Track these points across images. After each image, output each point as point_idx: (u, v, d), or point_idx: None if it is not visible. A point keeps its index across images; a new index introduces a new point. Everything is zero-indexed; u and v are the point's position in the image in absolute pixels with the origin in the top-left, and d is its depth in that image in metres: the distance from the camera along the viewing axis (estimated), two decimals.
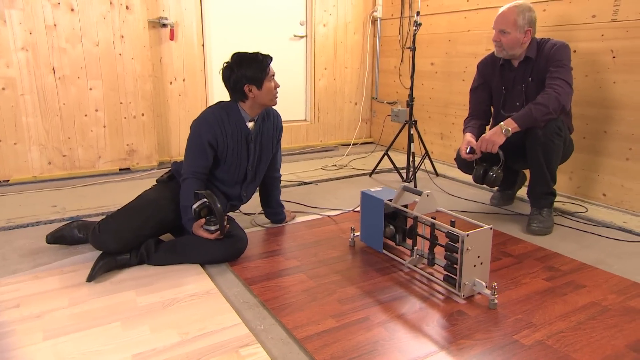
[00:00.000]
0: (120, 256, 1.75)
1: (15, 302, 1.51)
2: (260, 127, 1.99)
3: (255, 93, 1.87)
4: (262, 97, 1.89)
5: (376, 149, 4.00)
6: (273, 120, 2.06)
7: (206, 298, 1.56)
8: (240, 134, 1.93)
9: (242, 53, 1.89)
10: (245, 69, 1.84)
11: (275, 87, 1.91)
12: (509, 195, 2.61)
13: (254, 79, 1.85)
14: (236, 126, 1.91)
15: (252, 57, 1.87)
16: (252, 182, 2.06)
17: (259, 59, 1.86)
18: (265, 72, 1.86)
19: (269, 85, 1.88)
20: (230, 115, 1.91)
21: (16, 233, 2.11)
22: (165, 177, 1.99)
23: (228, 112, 1.91)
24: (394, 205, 1.83)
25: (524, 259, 1.87)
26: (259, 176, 2.08)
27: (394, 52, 4.00)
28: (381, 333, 1.36)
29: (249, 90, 1.87)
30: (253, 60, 1.86)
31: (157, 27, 3.20)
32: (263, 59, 1.87)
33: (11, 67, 2.74)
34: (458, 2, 3.32)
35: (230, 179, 1.97)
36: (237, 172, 1.97)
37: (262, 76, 1.85)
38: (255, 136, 1.97)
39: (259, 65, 1.85)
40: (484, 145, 2.09)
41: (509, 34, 2.14)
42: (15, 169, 2.87)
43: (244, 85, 1.85)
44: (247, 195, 2.08)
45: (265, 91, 1.88)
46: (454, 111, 3.48)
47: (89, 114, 3.01)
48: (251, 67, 1.84)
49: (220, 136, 1.88)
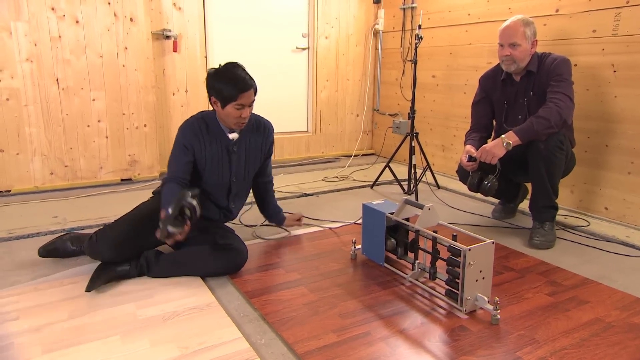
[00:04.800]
0: (120, 267, 1.75)
1: (14, 314, 1.50)
2: (246, 138, 1.95)
3: (218, 109, 1.81)
4: (222, 116, 1.82)
5: (377, 161, 4.01)
6: (264, 132, 2.01)
7: (206, 311, 1.54)
8: (220, 144, 1.89)
9: (232, 66, 1.79)
10: (220, 82, 1.76)
11: (241, 116, 1.79)
12: (510, 208, 2.60)
13: (221, 96, 1.76)
14: (215, 136, 1.88)
15: (234, 75, 1.75)
16: (240, 194, 2.03)
17: (237, 80, 1.74)
18: (233, 98, 1.75)
19: (231, 111, 1.78)
20: (210, 125, 1.88)
21: (17, 244, 2.11)
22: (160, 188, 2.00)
23: (207, 122, 1.88)
24: (395, 219, 1.82)
25: (526, 274, 1.86)
26: (247, 187, 2.06)
27: (395, 64, 4.02)
28: (382, 349, 1.35)
29: (214, 102, 1.81)
30: (232, 79, 1.75)
31: (160, 39, 3.23)
32: (240, 83, 1.74)
33: (15, 78, 2.76)
34: (459, 16, 3.35)
35: (215, 190, 1.94)
36: (221, 182, 1.93)
37: (228, 99, 1.75)
38: (239, 146, 1.93)
39: (232, 87, 1.74)
40: (484, 156, 2.10)
41: (520, 46, 2.15)
42: (17, 179, 2.87)
43: (211, 95, 1.81)
44: (236, 206, 2.05)
45: (225, 114, 1.79)
46: (455, 123, 3.49)
47: (92, 125, 3.02)
48: (225, 83, 1.75)
49: (198, 144, 1.85)
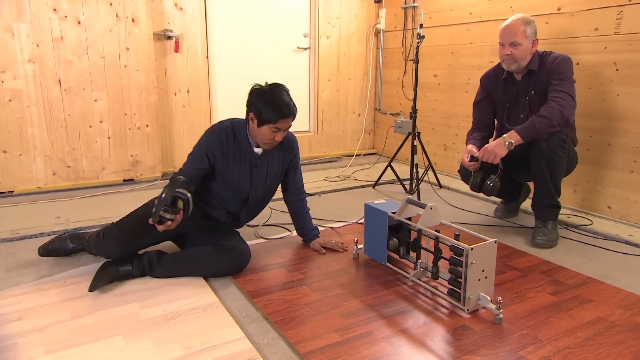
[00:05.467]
0: (122, 267, 1.75)
1: (17, 314, 1.51)
2: (271, 153, 1.93)
3: (253, 126, 1.80)
4: (256, 133, 1.81)
5: (379, 160, 4.01)
6: (287, 146, 1.97)
7: (209, 311, 1.55)
8: (245, 156, 1.88)
9: (280, 89, 1.79)
10: (263, 103, 1.74)
11: (273, 138, 1.79)
12: (513, 207, 2.60)
13: (260, 115, 1.76)
14: (241, 148, 1.87)
15: (276, 101, 1.74)
16: (255, 206, 2.01)
17: (279, 106, 1.74)
18: (272, 120, 1.74)
19: (266, 132, 1.77)
20: (237, 136, 1.86)
21: (20, 244, 2.11)
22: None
23: (235, 132, 1.86)
24: (397, 218, 1.82)
25: (528, 273, 1.85)
26: (264, 202, 2.04)
27: (397, 63, 4.02)
28: (385, 348, 1.35)
29: (251, 118, 1.80)
30: (273, 104, 1.74)
31: (162, 39, 3.23)
32: (283, 109, 1.74)
33: (18, 79, 2.77)
34: (461, 15, 3.34)
35: (230, 199, 1.93)
36: (238, 194, 1.92)
37: (266, 121, 1.75)
38: (262, 161, 1.91)
39: (273, 111, 1.73)
40: (485, 156, 2.09)
41: (521, 45, 2.15)
42: (20, 180, 2.88)
43: (250, 111, 1.80)
44: (246, 217, 2.03)
45: (260, 133, 1.79)
46: (457, 123, 3.48)
47: (94, 125, 3.03)
48: (267, 106, 1.74)
49: (220, 154, 1.84)
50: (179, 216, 1.66)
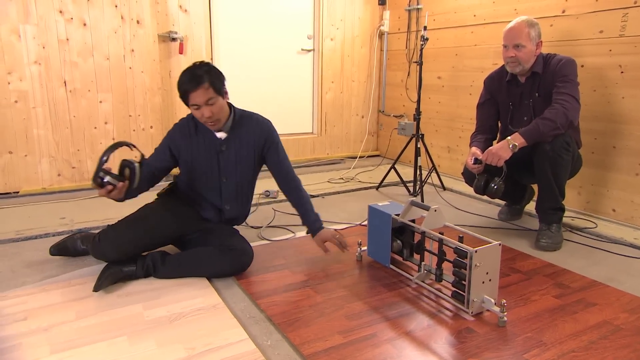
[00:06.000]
0: (126, 267, 1.76)
1: (22, 315, 1.51)
2: (237, 137, 1.89)
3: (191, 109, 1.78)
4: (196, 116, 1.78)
5: (383, 162, 4.01)
6: (255, 128, 1.91)
7: (213, 312, 1.55)
8: (209, 144, 1.88)
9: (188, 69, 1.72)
10: (179, 86, 1.72)
11: (202, 116, 1.74)
12: (517, 210, 2.59)
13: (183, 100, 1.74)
14: (204, 137, 1.88)
15: (181, 78, 1.71)
16: (235, 196, 1.95)
17: (182, 81, 1.70)
18: (186, 100, 1.73)
19: (194, 112, 1.76)
20: (198, 126, 1.88)
21: (25, 245, 2.12)
22: (164, 191, 2.01)
23: (197, 124, 1.88)
24: (401, 220, 1.82)
25: (533, 276, 1.85)
26: (245, 190, 1.98)
27: (400, 65, 4.02)
28: (389, 350, 1.35)
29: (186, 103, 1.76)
30: (180, 82, 1.71)
31: (166, 41, 3.24)
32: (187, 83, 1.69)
33: (24, 80, 2.79)
34: (465, 17, 3.34)
35: (206, 191, 1.94)
36: (210, 183, 1.92)
37: (186, 101, 1.74)
38: (228, 146, 1.89)
39: (182, 88, 1.71)
40: (489, 158, 2.09)
41: (525, 47, 2.15)
42: (25, 181, 2.90)
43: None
44: (232, 208, 1.97)
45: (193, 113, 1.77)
46: (461, 125, 3.48)
47: (99, 127, 3.04)
48: (180, 87, 1.71)
49: (184, 145, 1.87)
50: (122, 184, 1.61)
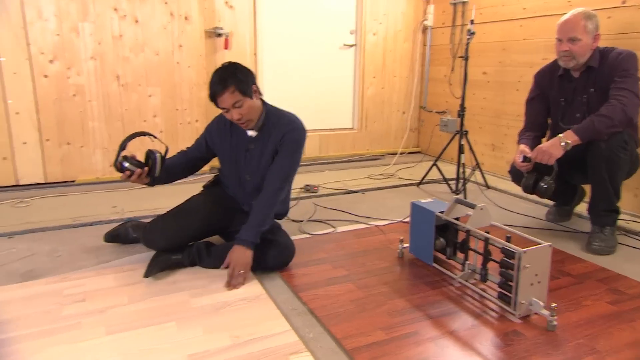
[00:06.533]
0: (174, 256, 1.83)
1: (81, 296, 1.61)
2: (265, 136, 1.87)
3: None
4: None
5: (424, 159, 3.94)
6: (282, 126, 1.85)
7: (256, 303, 1.59)
8: (240, 140, 1.91)
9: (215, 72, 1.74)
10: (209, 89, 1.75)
11: (232, 118, 1.76)
12: (566, 211, 2.49)
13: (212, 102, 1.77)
14: (237, 134, 1.91)
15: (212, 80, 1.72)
16: (254, 194, 1.90)
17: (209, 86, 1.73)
18: (215, 104, 1.75)
19: (225, 115, 1.78)
20: (234, 124, 1.90)
21: (81, 231, 2.25)
22: (210, 183, 2.08)
23: None
24: (445, 218, 1.79)
25: (584, 280, 1.77)
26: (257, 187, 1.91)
27: (444, 60, 3.93)
28: (432, 349, 1.34)
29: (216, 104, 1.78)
30: (211, 84, 1.73)
31: (212, 37, 3.32)
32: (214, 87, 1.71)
33: (81, 75, 2.94)
34: (513, 10, 3.22)
35: (230, 184, 2.00)
36: (234, 177, 1.96)
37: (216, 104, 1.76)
38: (256, 145, 1.88)
39: (210, 92, 1.74)
40: (539, 156, 2.01)
41: (580, 40, 2.04)
42: (81, 170, 3.06)
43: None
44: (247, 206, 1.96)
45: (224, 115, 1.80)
46: (507, 122, 3.37)
47: (148, 120, 3.16)
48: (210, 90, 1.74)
49: (219, 139, 1.93)
50: (140, 170, 1.74)
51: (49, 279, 1.73)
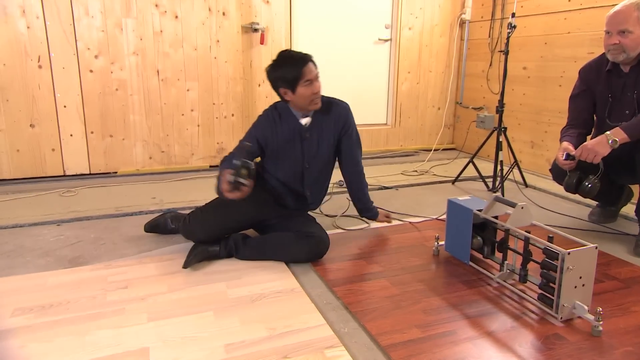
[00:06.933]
0: (211, 248, 1.87)
1: (124, 283, 1.67)
2: (319, 122, 1.92)
3: (291, 97, 1.82)
4: (297, 101, 1.83)
5: (459, 156, 3.86)
6: (335, 112, 1.94)
7: (291, 296, 1.60)
8: (294, 132, 1.91)
9: (285, 52, 1.83)
10: (281, 70, 1.78)
11: (313, 92, 1.80)
12: (611, 212, 2.38)
13: (288, 82, 1.78)
14: (288, 126, 1.91)
15: (288, 58, 1.79)
16: (316, 181, 2.00)
17: (293, 60, 1.78)
18: (298, 76, 1.77)
19: (303, 91, 1.80)
20: (283, 116, 1.91)
21: (123, 220, 2.33)
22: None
23: (281, 113, 1.91)
24: (484, 216, 1.75)
25: (632, 284, 1.70)
26: (325, 175, 2.04)
27: (482, 55, 3.83)
28: (469, 349, 1.32)
29: (285, 93, 1.83)
30: (288, 62, 1.78)
31: (249, 32, 3.36)
32: (298, 61, 1.78)
33: (124, 70, 3.04)
34: (557, 3, 3.10)
35: (289, 177, 1.98)
36: (293, 169, 1.96)
37: (296, 81, 1.78)
38: (311, 132, 1.92)
39: (292, 68, 1.77)
40: (584, 154, 1.93)
41: (632, 33, 1.94)
42: (122, 162, 3.18)
43: (279, 88, 1.82)
44: (312, 195, 2.03)
45: (299, 96, 1.81)
46: (548, 118, 3.26)
47: (186, 114, 3.24)
48: (286, 69, 1.77)
49: (271, 136, 1.91)
50: (251, 183, 1.67)
51: (95, 266, 1.81)
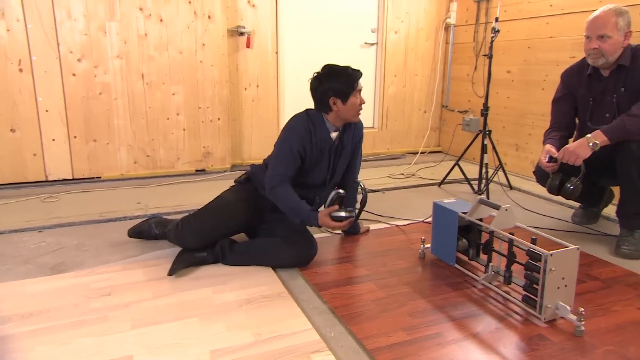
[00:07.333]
0: (198, 254, 1.85)
1: (107, 290, 1.65)
2: (342, 137, 1.99)
3: (340, 107, 1.87)
4: (346, 111, 1.88)
5: (445, 159, 3.90)
6: (354, 129, 2.03)
7: (277, 301, 1.60)
8: (325, 144, 1.94)
9: (333, 65, 1.90)
10: (334, 81, 1.84)
11: (361, 103, 1.90)
12: (593, 213, 2.43)
13: (341, 92, 1.84)
14: (321, 136, 1.92)
15: (342, 71, 1.86)
16: (330, 189, 2.05)
17: (348, 72, 1.86)
18: (352, 87, 1.85)
19: (354, 101, 1.87)
20: (316, 126, 1.92)
21: (107, 226, 2.30)
22: (242, 178, 2.07)
23: (314, 123, 1.92)
24: (468, 219, 1.77)
25: (613, 284, 1.73)
26: (335, 184, 2.09)
27: (467, 59, 3.87)
28: (455, 351, 1.32)
29: (334, 103, 1.87)
30: (342, 74, 1.85)
31: (235, 36, 3.35)
32: (353, 73, 1.86)
33: (108, 73, 3.01)
34: (540, 7, 3.15)
35: (308, 186, 1.99)
36: (317, 179, 1.99)
37: (349, 91, 1.84)
38: (337, 146, 1.98)
39: (347, 79, 1.84)
40: (566, 157, 1.97)
41: (610, 38, 1.99)
42: (106, 167, 3.13)
43: (329, 97, 1.86)
44: (321, 201, 2.08)
45: (350, 106, 1.87)
46: (531, 121, 3.30)
47: (171, 118, 3.21)
48: (339, 80, 1.84)
49: (308, 145, 1.90)
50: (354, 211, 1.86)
51: (77, 272, 1.78)
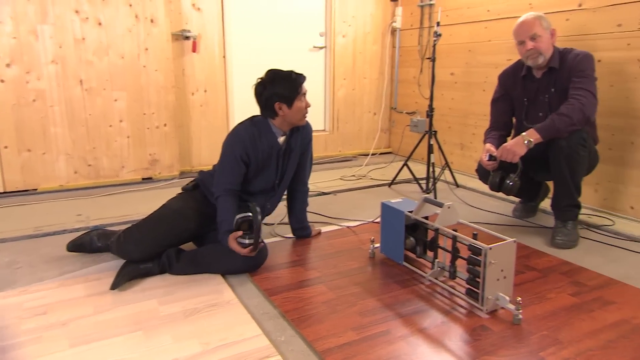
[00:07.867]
0: (143, 265, 1.78)
1: (42, 309, 1.55)
2: (289, 141, 1.99)
3: (285, 111, 1.87)
4: (292, 116, 1.89)
5: (395, 159, 3.99)
6: (302, 132, 2.03)
7: (227, 308, 1.56)
8: (272, 149, 1.93)
9: (277, 70, 1.90)
10: (278, 86, 1.85)
11: (306, 106, 1.91)
12: (531, 207, 2.56)
13: (285, 97, 1.85)
14: (267, 142, 1.92)
15: (286, 75, 1.87)
16: (279, 195, 2.07)
17: (292, 77, 1.87)
18: (297, 91, 1.86)
19: (299, 105, 1.88)
20: (262, 132, 1.91)
21: (43, 241, 2.17)
22: (190, 185, 2.02)
23: (260, 128, 1.91)
24: (414, 217, 1.81)
25: (548, 273, 1.83)
26: (284, 188, 2.09)
27: (413, 62, 3.99)
28: (403, 347, 1.35)
29: (279, 108, 1.87)
30: (286, 79, 1.86)
31: (180, 40, 3.27)
32: (296, 77, 1.88)
33: (42, 79, 2.84)
34: (478, 12, 3.30)
35: (257, 191, 1.98)
36: (265, 185, 1.98)
37: (294, 95, 1.85)
38: (285, 150, 1.98)
39: (291, 84, 1.86)
40: (504, 155, 2.07)
41: (541, 36, 2.13)
42: (44, 178, 2.95)
43: (274, 102, 1.86)
44: (272, 207, 2.08)
45: (295, 110, 1.88)
46: (474, 121, 3.45)
47: (114, 125, 3.08)
48: (283, 85, 1.85)
49: (252, 152, 1.88)
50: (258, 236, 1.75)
51: (7, 293, 1.66)
